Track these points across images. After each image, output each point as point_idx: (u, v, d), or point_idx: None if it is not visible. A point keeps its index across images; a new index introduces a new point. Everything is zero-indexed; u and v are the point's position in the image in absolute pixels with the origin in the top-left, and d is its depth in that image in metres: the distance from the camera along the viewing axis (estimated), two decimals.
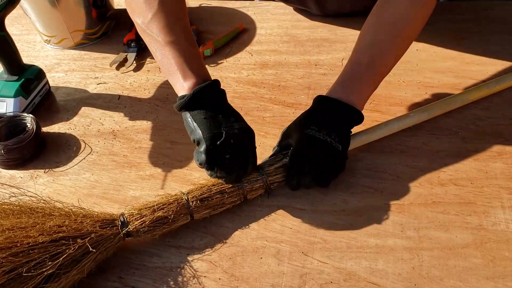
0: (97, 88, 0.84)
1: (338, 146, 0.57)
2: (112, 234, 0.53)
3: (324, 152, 0.56)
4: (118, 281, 0.53)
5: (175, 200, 0.56)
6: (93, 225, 0.52)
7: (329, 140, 0.56)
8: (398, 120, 0.66)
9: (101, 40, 0.98)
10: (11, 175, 0.69)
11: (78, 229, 0.51)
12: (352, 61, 0.61)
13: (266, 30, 0.94)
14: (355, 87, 0.60)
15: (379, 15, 0.61)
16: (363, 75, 0.60)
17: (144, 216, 0.54)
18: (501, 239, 0.53)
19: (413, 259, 0.52)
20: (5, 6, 0.70)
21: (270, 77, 0.82)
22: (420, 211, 0.57)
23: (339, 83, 0.61)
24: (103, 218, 0.54)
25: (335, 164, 0.57)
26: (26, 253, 0.47)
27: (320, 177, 0.56)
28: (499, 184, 0.59)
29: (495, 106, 0.70)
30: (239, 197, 0.58)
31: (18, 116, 0.72)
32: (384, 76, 0.62)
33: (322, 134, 0.57)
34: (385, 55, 0.60)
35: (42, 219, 0.51)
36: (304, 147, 0.57)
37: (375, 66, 0.60)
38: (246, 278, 0.53)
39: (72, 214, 0.53)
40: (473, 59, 0.80)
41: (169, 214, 0.54)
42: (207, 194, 0.56)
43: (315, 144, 0.56)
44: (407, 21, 0.59)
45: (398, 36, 0.60)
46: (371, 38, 0.60)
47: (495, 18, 0.89)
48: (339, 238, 0.55)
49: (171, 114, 0.77)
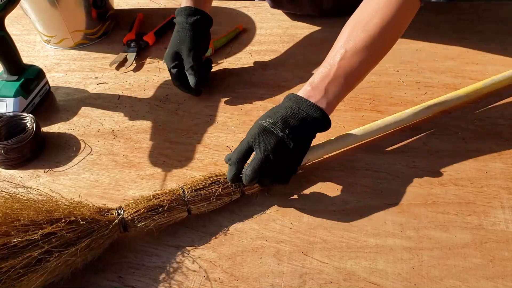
0: (97, 88, 0.84)
1: (290, 143, 0.55)
2: (107, 220, 0.53)
3: (274, 144, 0.55)
4: (118, 281, 0.53)
5: (171, 191, 0.57)
6: (89, 211, 0.53)
7: (281, 134, 0.55)
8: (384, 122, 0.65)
9: (101, 40, 0.98)
10: (11, 175, 0.69)
11: (73, 213, 0.52)
12: (326, 61, 0.60)
13: (266, 30, 0.94)
14: (324, 88, 0.58)
15: (357, 14, 0.60)
16: (335, 76, 0.58)
17: (139, 205, 0.55)
18: (500, 239, 0.53)
19: (413, 259, 0.52)
20: (5, 6, 0.70)
21: (270, 77, 0.82)
22: (419, 211, 0.57)
23: (310, 83, 0.59)
24: (99, 207, 0.55)
25: (285, 162, 0.56)
26: (21, 229, 0.48)
27: (274, 177, 0.57)
28: (498, 184, 0.59)
29: (495, 106, 0.70)
30: (235, 189, 0.58)
31: (18, 116, 0.72)
32: (358, 78, 0.59)
33: (275, 127, 0.56)
34: (358, 55, 0.58)
35: (39, 204, 0.52)
36: (255, 135, 0.56)
37: (348, 66, 0.58)
38: (246, 278, 0.53)
39: (69, 203, 0.54)
40: (473, 59, 0.80)
41: (164, 202, 0.55)
42: (202, 184, 0.58)
43: (265, 135, 0.55)
44: (383, 20, 0.57)
45: (373, 36, 0.58)
46: (346, 37, 0.59)
47: (495, 18, 0.89)
48: (339, 238, 0.55)
49: (171, 114, 0.77)
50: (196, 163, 0.67)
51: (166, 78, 0.85)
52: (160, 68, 0.87)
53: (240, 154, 0.57)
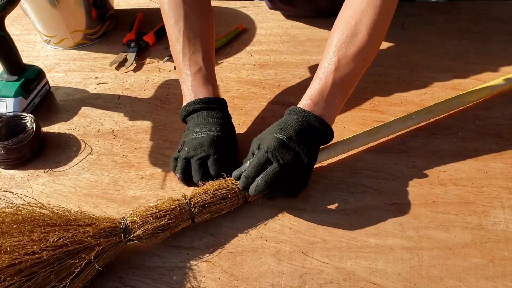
0: (97, 88, 0.84)
1: (304, 158, 0.55)
2: (115, 243, 0.53)
3: (291, 159, 0.54)
4: (118, 281, 0.53)
5: (178, 206, 0.55)
6: (96, 234, 0.51)
7: (297, 149, 0.55)
8: (389, 126, 0.65)
9: (101, 40, 0.98)
10: (11, 175, 0.69)
11: (82, 241, 0.50)
12: (321, 71, 0.59)
13: (266, 30, 0.94)
14: (324, 100, 0.58)
15: (343, 17, 0.60)
16: (332, 87, 0.58)
17: (146, 223, 0.53)
18: (500, 239, 0.53)
19: (413, 259, 0.52)
20: (5, 6, 0.70)
21: (270, 77, 0.82)
22: (420, 211, 0.57)
23: (308, 96, 0.59)
24: (105, 226, 0.53)
25: (298, 176, 0.56)
26: (29, 270, 0.47)
27: (286, 191, 0.57)
28: (498, 184, 0.59)
29: (495, 106, 0.70)
30: (240, 200, 0.58)
31: (18, 116, 0.72)
32: (354, 83, 0.60)
33: (291, 142, 0.55)
34: (352, 62, 0.58)
35: (43, 232, 0.49)
36: (274, 149, 0.55)
37: (343, 75, 0.58)
38: (246, 278, 0.53)
39: (73, 220, 0.52)
40: (473, 59, 0.80)
41: (172, 221, 0.54)
42: (209, 200, 0.56)
43: (283, 149, 0.55)
44: (371, 20, 0.57)
45: (364, 39, 0.58)
46: (336, 44, 0.59)
47: (495, 18, 0.89)
48: (339, 238, 0.55)
49: (171, 114, 0.77)
50: None
51: (166, 78, 0.85)
52: (160, 68, 0.87)
53: (259, 168, 0.55)
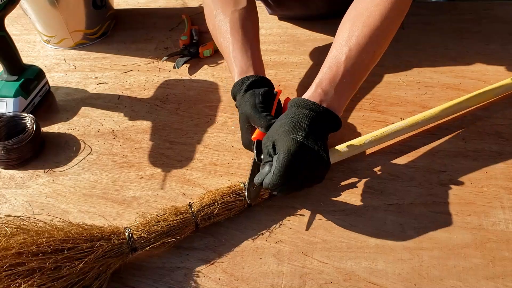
0: (96, 88, 0.84)
1: (323, 154, 0.53)
2: (121, 260, 0.53)
3: (315, 160, 0.53)
4: (118, 281, 0.53)
5: (184, 219, 0.55)
6: (103, 256, 0.51)
7: (316, 148, 0.53)
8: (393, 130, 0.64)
9: (101, 40, 0.98)
10: (11, 175, 0.69)
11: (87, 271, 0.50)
12: (330, 60, 0.58)
13: (266, 30, 0.94)
14: (334, 90, 0.56)
15: (355, 8, 0.59)
16: (343, 77, 0.56)
17: (154, 240, 0.53)
18: (501, 239, 0.53)
19: (413, 259, 0.52)
20: (5, 6, 0.70)
21: (270, 77, 0.81)
22: (420, 211, 0.57)
23: (318, 85, 0.57)
24: (111, 247, 0.52)
25: (320, 172, 0.55)
26: None
27: (306, 186, 0.56)
28: (499, 184, 0.59)
29: (495, 106, 0.70)
30: (244, 206, 0.58)
31: (18, 116, 0.72)
32: (365, 75, 0.59)
33: (309, 141, 0.53)
34: (363, 52, 0.56)
35: (48, 263, 0.48)
36: (295, 152, 0.52)
37: (355, 65, 0.56)
38: (246, 278, 0.53)
39: (78, 239, 0.52)
40: (473, 59, 0.80)
41: (178, 236, 0.54)
42: (216, 211, 0.56)
43: (304, 151, 0.53)
44: (384, 13, 0.57)
45: (376, 30, 0.57)
46: (348, 34, 0.58)
47: (495, 18, 0.89)
48: (339, 238, 0.55)
49: (170, 114, 0.77)
50: (196, 163, 0.67)
51: (166, 78, 0.85)
52: (160, 68, 0.87)
53: (285, 175, 0.52)
